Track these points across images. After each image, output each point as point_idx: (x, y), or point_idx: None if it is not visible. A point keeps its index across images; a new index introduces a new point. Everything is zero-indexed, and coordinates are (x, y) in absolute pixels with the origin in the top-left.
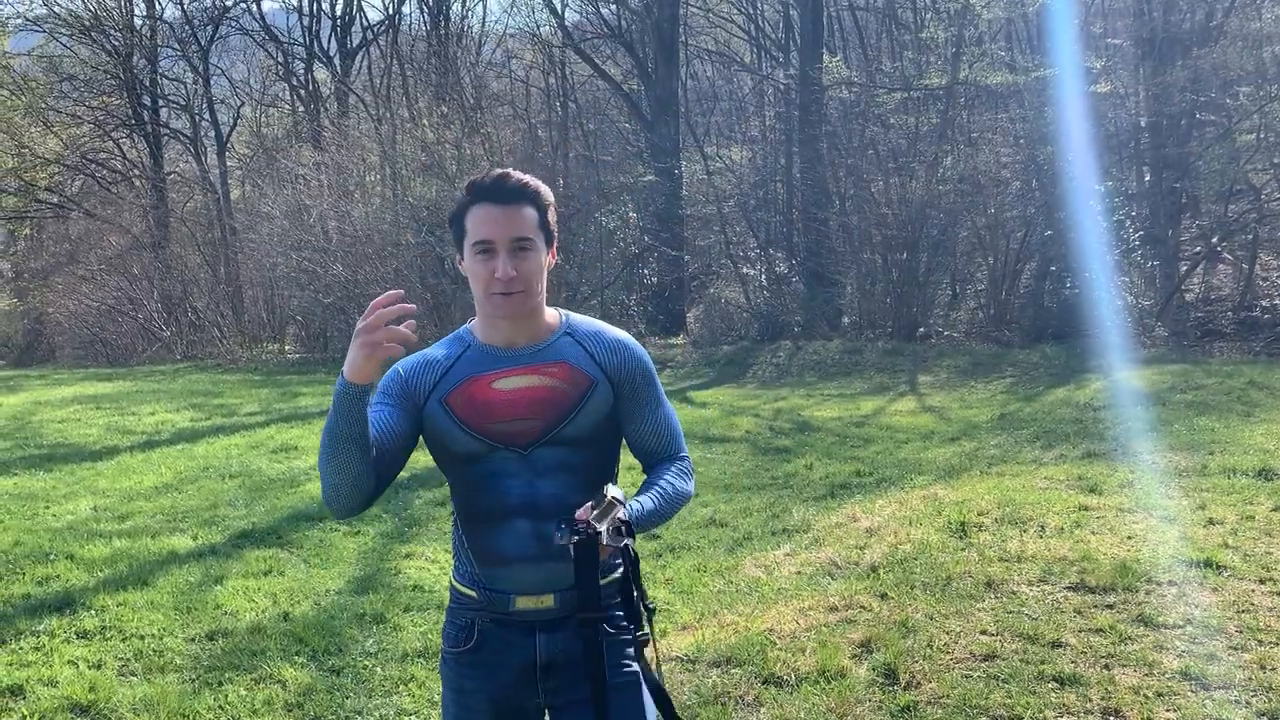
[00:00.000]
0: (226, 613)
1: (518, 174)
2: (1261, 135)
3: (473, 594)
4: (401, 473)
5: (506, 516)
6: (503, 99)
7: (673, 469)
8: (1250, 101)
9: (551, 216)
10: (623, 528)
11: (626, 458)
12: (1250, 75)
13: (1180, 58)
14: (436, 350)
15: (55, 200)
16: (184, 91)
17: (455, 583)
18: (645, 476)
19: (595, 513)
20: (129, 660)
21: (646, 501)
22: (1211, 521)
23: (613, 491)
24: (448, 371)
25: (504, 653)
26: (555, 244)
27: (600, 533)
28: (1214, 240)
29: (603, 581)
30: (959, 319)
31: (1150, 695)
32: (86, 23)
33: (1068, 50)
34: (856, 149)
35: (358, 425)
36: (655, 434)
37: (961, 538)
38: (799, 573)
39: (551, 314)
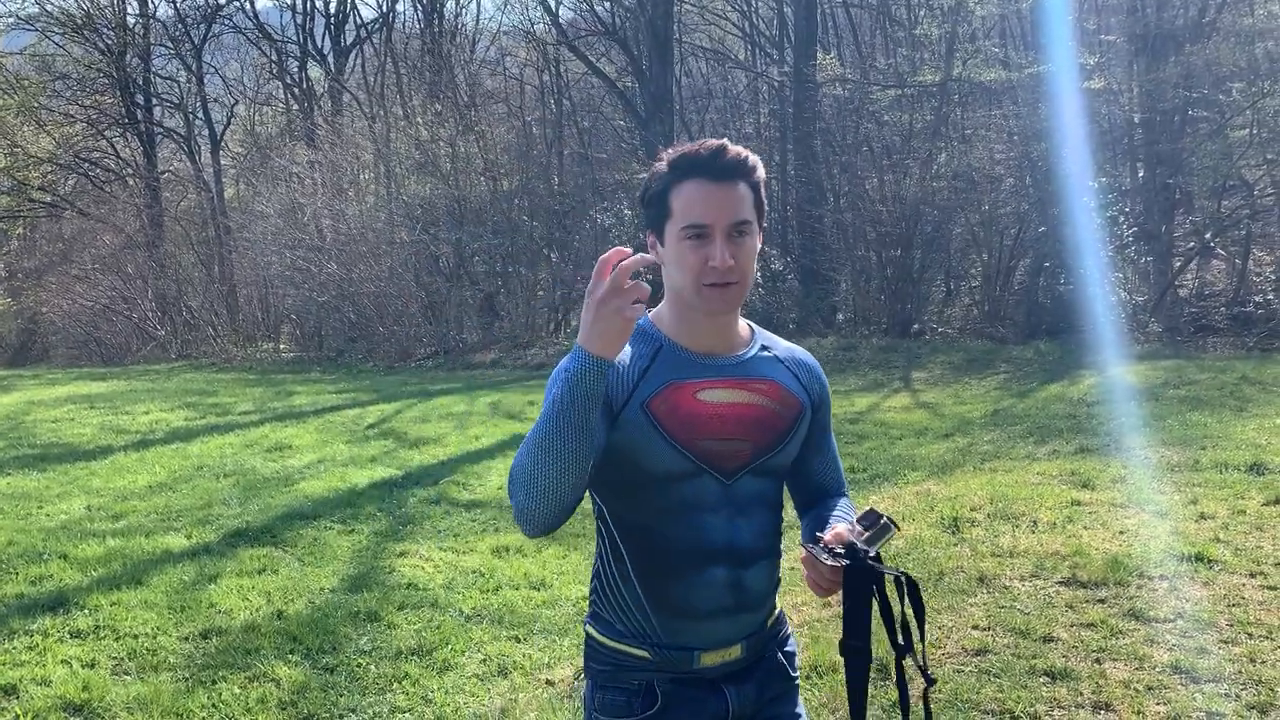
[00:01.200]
0: (220, 611)
1: (734, 146)
2: (1254, 131)
3: (644, 654)
4: (395, 471)
5: (703, 562)
6: (497, 97)
7: (840, 503)
8: (1243, 97)
9: (764, 194)
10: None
11: None
12: (1242, 71)
13: (1173, 54)
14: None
15: (48, 199)
16: (177, 90)
17: (608, 641)
18: (807, 511)
19: (867, 535)
20: (123, 659)
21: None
22: (1203, 516)
23: (886, 517)
24: (646, 373)
25: (694, 713)
26: (763, 226)
27: (877, 561)
28: (1207, 236)
29: (771, 620)
30: (953, 315)
31: (1141, 689)
32: (79, 21)
33: (1062, 47)
34: (851, 146)
35: (596, 411)
36: (834, 469)
37: (954, 533)
38: (793, 568)
39: (741, 321)
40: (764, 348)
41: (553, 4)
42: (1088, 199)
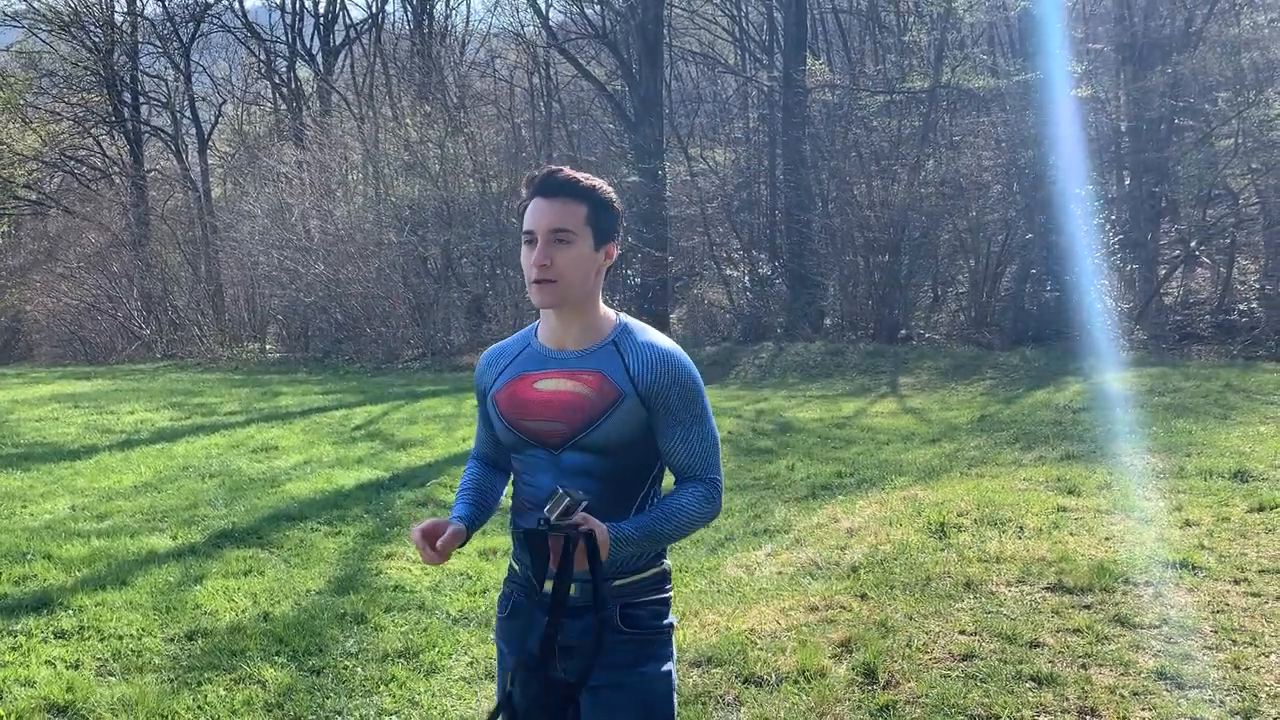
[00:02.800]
0: (206, 613)
1: (570, 171)
2: (1239, 141)
3: (518, 568)
4: (382, 473)
5: (535, 508)
6: (486, 98)
7: (688, 488)
8: (1228, 107)
9: (609, 215)
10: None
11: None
12: (1228, 81)
13: (1160, 63)
14: (511, 341)
15: (34, 197)
16: (165, 89)
17: (511, 558)
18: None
19: (547, 505)
20: (107, 660)
21: (628, 526)
22: (1188, 523)
23: (562, 489)
24: (506, 368)
25: (531, 628)
26: (613, 244)
27: (551, 524)
28: (1192, 244)
29: (626, 580)
30: (940, 321)
31: (1126, 695)
32: (66, 18)
33: (1050, 55)
34: (839, 151)
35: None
36: (686, 452)
37: (941, 538)
38: (780, 573)
39: (608, 320)
40: (614, 342)
41: (543, 7)
42: (1074, 206)
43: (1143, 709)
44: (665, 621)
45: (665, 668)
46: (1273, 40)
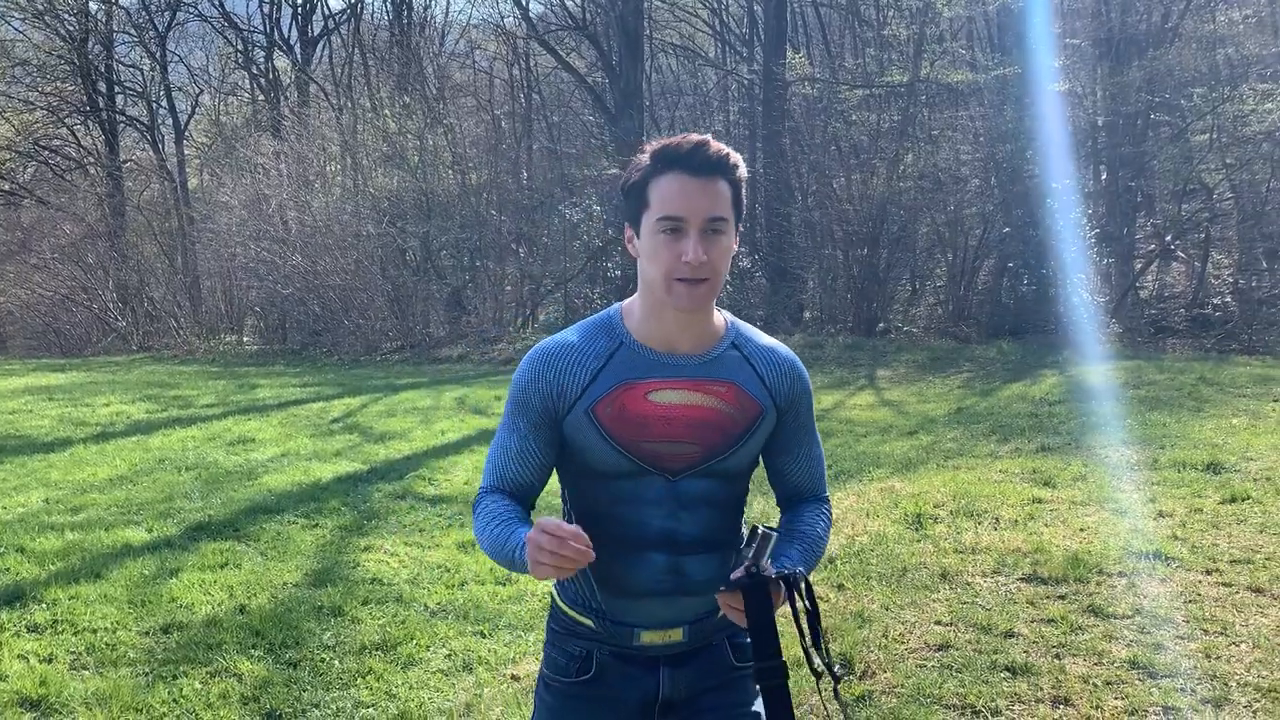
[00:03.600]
0: (181, 606)
1: (717, 143)
2: (1214, 136)
3: (589, 623)
4: (360, 466)
5: (642, 548)
6: (466, 90)
7: (820, 515)
8: (1203, 102)
9: (744, 194)
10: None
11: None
12: (1203, 77)
13: (1137, 58)
14: (583, 339)
15: (6, 188)
16: (141, 78)
17: (564, 606)
18: (782, 513)
19: (751, 550)
20: (81, 654)
21: (795, 555)
22: (1161, 514)
23: (763, 528)
24: (598, 375)
25: (625, 688)
26: (740, 224)
27: (770, 573)
28: (1168, 239)
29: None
30: (918, 315)
31: (1099, 684)
32: (40, 6)
33: (1028, 50)
34: (819, 145)
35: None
36: (808, 471)
37: (917, 529)
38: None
39: (717, 315)
40: (734, 345)
41: None
42: (1051, 201)
43: (1115, 698)
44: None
45: (759, 706)
46: (1247, 36)
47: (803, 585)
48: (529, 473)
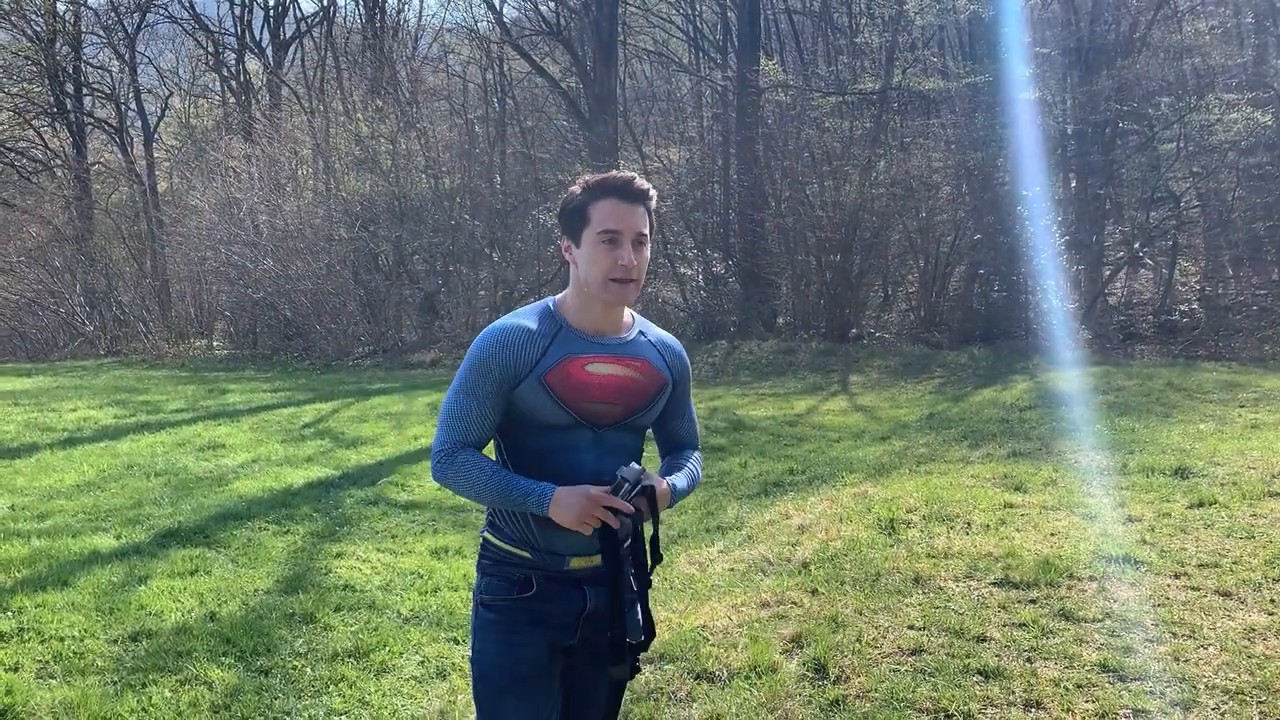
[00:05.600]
0: (151, 613)
1: (640, 180)
2: (1181, 145)
3: (525, 554)
4: (332, 471)
5: (572, 485)
6: (439, 94)
7: (694, 455)
8: (1171, 112)
9: (653, 218)
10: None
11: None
12: (1171, 86)
13: (1106, 68)
14: (533, 320)
15: None
16: (109, 80)
17: (500, 543)
18: (664, 457)
19: (619, 490)
20: (48, 662)
21: (681, 480)
22: (1130, 519)
23: (623, 474)
24: (546, 350)
25: (558, 601)
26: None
27: (652, 487)
28: (1136, 246)
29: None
30: (890, 320)
31: (1070, 687)
32: (6, 6)
33: (999, 58)
34: (792, 151)
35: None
36: (690, 429)
37: (890, 534)
38: (732, 569)
39: (626, 311)
40: (641, 333)
41: (497, 2)
42: (1022, 208)
43: (1086, 701)
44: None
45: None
46: (1213, 47)
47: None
48: (485, 431)
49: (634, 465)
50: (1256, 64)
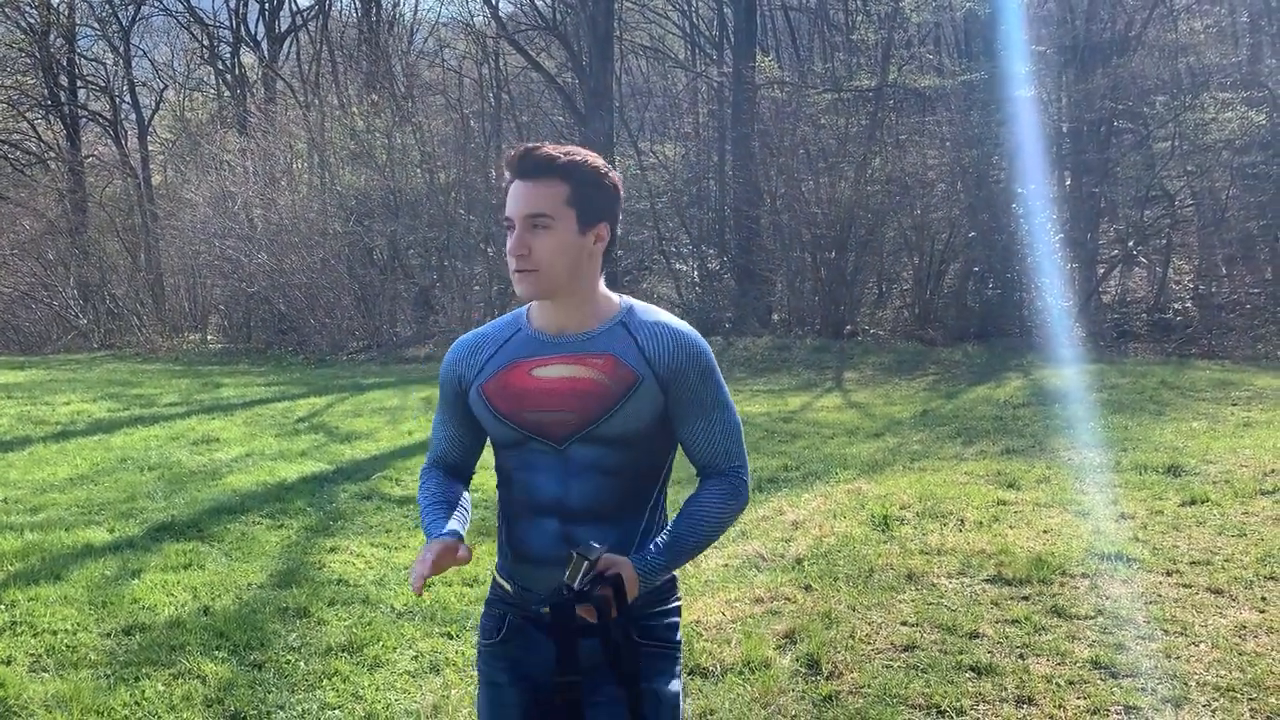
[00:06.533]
0: (144, 607)
1: (549, 148)
2: (1175, 143)
3: (508, 587)
4: (326, 466)
5: (536, 513)
6: (435, 88)
7: (714, 488)
8: (1165, 110)
9: (597, 192)
10: (598, 582)
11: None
12: (1165, 85)
13: (1101, 66)
14: (491, 329)
15: None
16: (104, 73)
17: (495, 574)
18: (691, 495)
19: (568, 573)
20: (40, 656)
21: (659, 541)
22: (1123, 516)
23: (582, 551)
24: (493, 356)
25: (529, 651)
26: (603, 224)
27: (578, 592)
28: (1130, 244)
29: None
30: (885, 318)
31: (1062, 684)
32: None
33: (995, 56)
34: (787, 148)
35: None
36: (707, 442)
37: (884, 531)
38: (726, 565)
39: (610, 302)
40: (622, 323)
41: None
42: (1017, 206)
43: (1078, 698)
44: (678, 637)
45: (675, 686)
46: (1208, 46)
47: (610, 598)
48: (456, 451)
49: (593, 545)
50: (1251, 63)
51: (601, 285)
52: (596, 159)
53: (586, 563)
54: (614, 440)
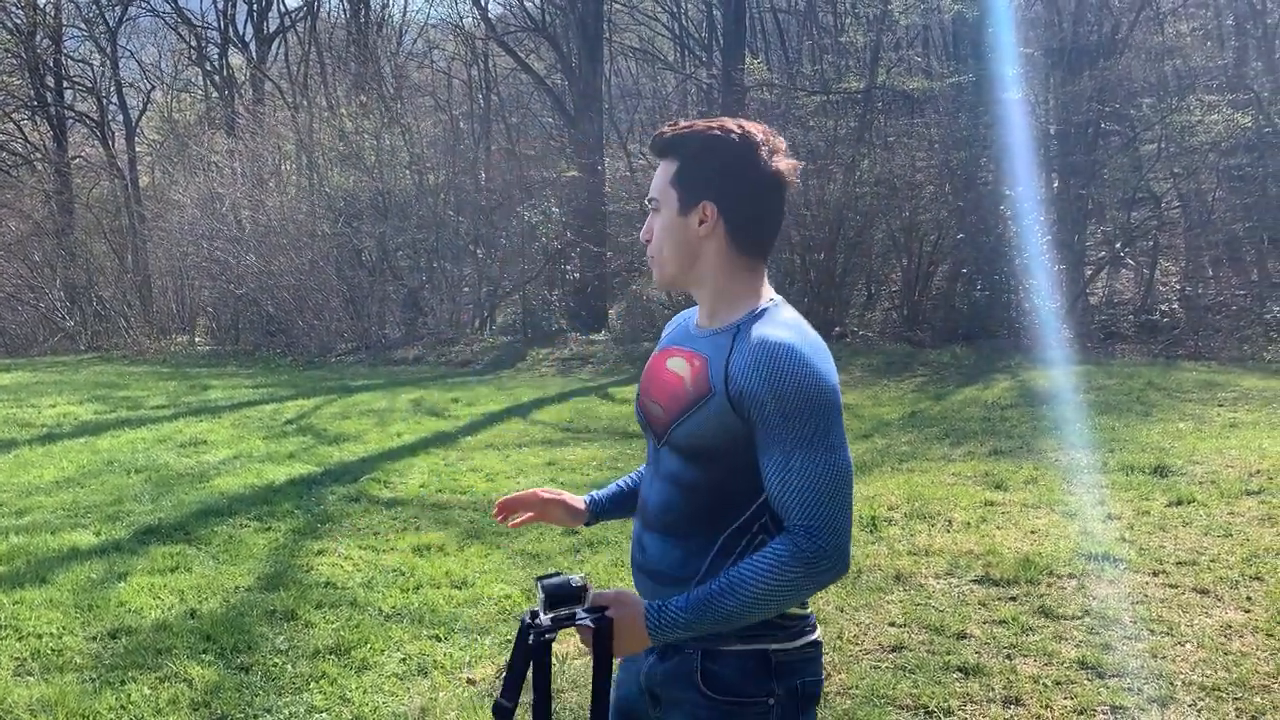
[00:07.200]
0: (130, 610)
1: (677, 123)
2: (1162, 146)
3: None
4: (314, 468)
5: (638, 511)
6: (424, 90)
7: (773, 546)
8: (1152, 113)
9: (702, 165)
10: (567, 622)
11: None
12: (1152, 87)
13: (1088, 69)
14: (687, 311)
15: None
16: (90, 73)
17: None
18: None
19: (542, 601)
20: (25, 660)
21: (691, 594)
22: (1110, 517)
23: (546, 582)
24: (664, 335)
25: (628, 664)
26: (708, 203)
27: (541, 623)
28: (1117, 246)
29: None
30: (873, 319)
31: (1049, 684)
32: None
33: (983, 58)
34: None
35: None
36: (780, 484)
37: (872, 531)
38: None
39: (750, 300)
40: (740, 327)
41: None
42: (1004, 208)
43: (1065, 698)
44: (764, 694)
45: None
46: (1194, 48)
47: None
48: None
49: (562, 578)
50: (1237, 66)
51: (749, 281)
52: (715, 126)
53: (543, 594)
54: (685, 450)
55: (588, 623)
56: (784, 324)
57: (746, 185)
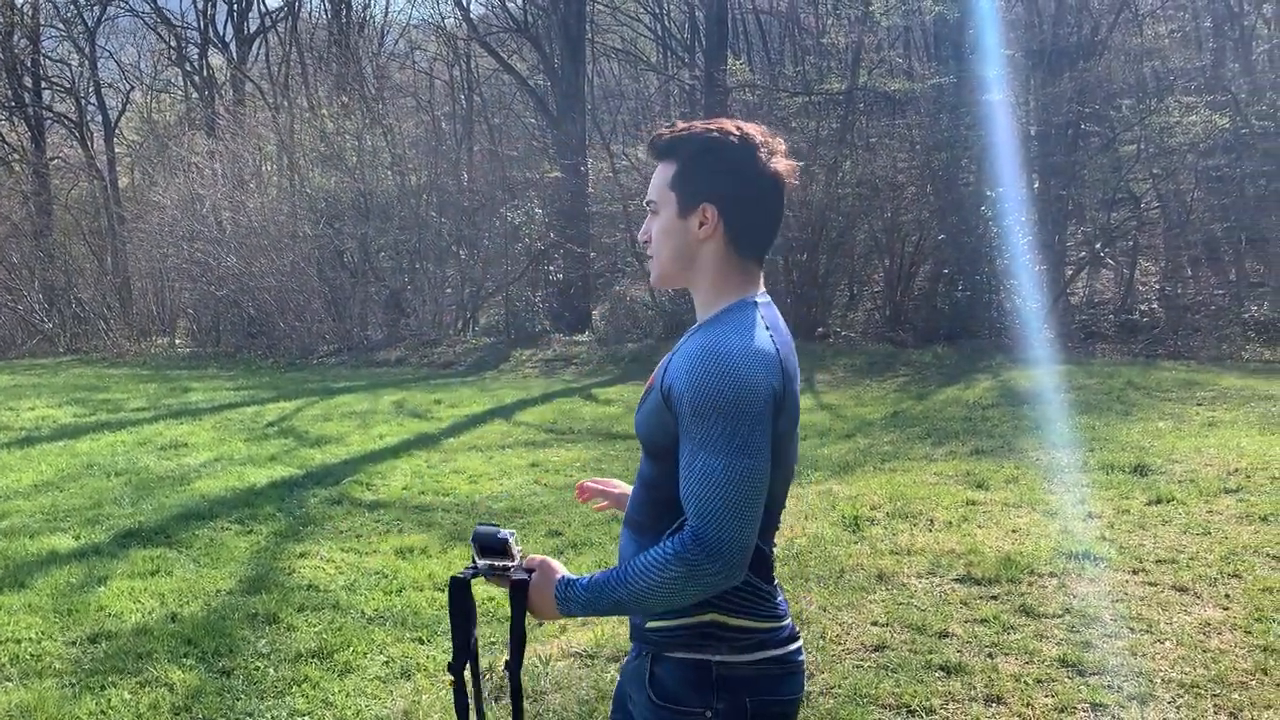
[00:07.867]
0: (110, 614)
1: (675, 126)
2: (1141, 146)
3: None
4: (295, 470)
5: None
6: (406, 90)
7: (666, 542)
8: (1131, 114)
9: (701, 167)
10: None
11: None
12: (1131, 89)
13: (1068, 70)
14: None
15: None
16: (69, 74)
17: None
18: None
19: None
20: (4, 665)
21: (594, 575)
22: (1090, 515)
23: (479, 532)
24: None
25: (626, 664)
26: (707, 205)
27: (474, 565)
28: (1097, 246)
29: (660, 623)
30: (856, 319)
31: (1030, 682)
32: None
33: (963, 59)
34: None
35: None
36: (682, 484)
37: (854, 531)
38: None
39: (727, 299)
40: (702, 325)
41: None
42: (985, 208)
43: (1046, 695)
44: (701, 706)
45: None
46: (1172, 50)
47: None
48: None
49: (492, 529)
50: (1214, 67)
51: (741, 282)
52: (714, 127)
53: (476, 545)
54: (644, 445)
55: (513, 577)
56: (734, 325)
57: (746, 187)
